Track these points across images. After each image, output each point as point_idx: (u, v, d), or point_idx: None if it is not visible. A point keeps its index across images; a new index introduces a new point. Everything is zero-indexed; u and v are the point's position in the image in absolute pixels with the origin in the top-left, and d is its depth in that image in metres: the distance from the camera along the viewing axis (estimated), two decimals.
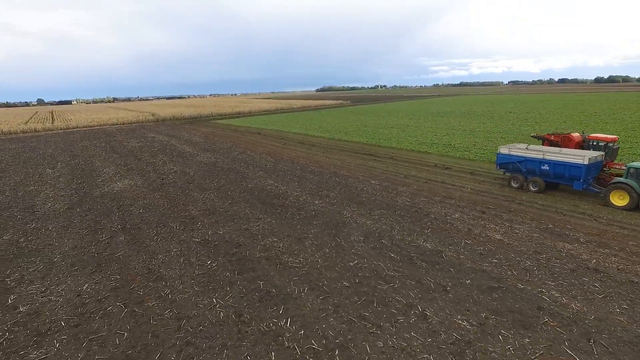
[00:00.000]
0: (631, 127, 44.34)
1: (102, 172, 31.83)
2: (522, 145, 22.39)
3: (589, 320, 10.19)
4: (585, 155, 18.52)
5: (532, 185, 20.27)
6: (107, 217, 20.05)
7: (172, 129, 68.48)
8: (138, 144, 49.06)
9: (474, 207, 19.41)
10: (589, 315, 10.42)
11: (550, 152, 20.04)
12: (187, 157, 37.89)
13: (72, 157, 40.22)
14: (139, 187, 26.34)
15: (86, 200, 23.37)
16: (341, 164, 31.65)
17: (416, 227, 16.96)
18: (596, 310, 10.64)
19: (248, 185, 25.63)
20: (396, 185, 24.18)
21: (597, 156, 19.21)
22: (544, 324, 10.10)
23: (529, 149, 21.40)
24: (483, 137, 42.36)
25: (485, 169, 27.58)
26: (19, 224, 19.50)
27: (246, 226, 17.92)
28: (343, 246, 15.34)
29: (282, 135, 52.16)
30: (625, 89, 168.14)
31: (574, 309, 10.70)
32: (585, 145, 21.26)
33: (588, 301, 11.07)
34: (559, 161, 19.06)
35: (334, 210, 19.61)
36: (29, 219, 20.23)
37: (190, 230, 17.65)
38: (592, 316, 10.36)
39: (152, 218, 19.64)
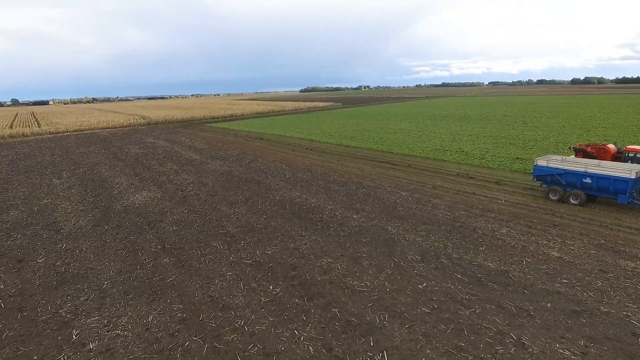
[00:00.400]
0: (632, 132, 45.38)
1: (114, 183, 30.73)
2: (558, 157, 22.49)
3: None
4: (632, 169, 18.65)
5: (573, 198, 20.33)
6: (140, 236, 19.23)
7: (169, 133, 67.00)
8: (140, 150, 47.72)
9: (517, 221, 19.36)
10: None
11: (591, 165, 20.13)
12: (198, 165, 36.97)
13: (75, 166, 38.77)
14: (160, 200, 25.47)
15: (111, 216, 22.43)
16: (361, 173, 31.34)
17: (469, 245, 16.77)
18: None
19: (275, 197, 25.07)
20: (428, 197, 24.00)
21: None
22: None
23: (566, 161, 21.46)
24: (491, 143, 42.67)
25: (509, 178, 27.66)
26: (49, 245, 18.52)
27: (293, 245, 17.41)
28: (403, 267, 15.02)
29: (287, 141, 51.55)
30: (605, 92, 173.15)
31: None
32: (623, 157, 21.49)
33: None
34: (603, 175, 19.16)
35: (377, 226, 19.27)
36: (57, 239, 19.25)
37: (236, 251, 17.04)
38: None
39: (189, 236, 18.93)
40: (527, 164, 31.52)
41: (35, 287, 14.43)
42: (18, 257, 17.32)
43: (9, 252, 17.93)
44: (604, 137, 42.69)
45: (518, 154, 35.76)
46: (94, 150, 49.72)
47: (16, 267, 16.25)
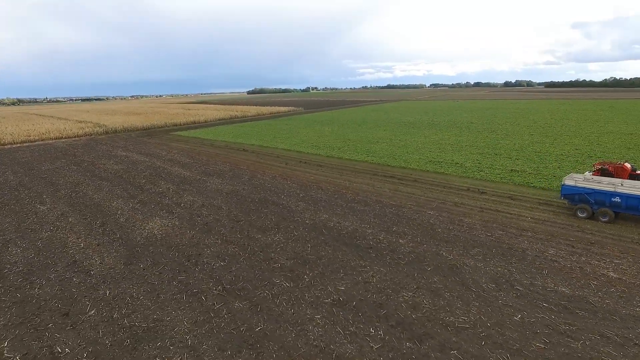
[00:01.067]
0: (594, 141, 49.67)
1: (113, 208, 28.36)
2: (579, 176, 24.06)
3: None
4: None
5: (602, 216, 21.86)
6: (189, 275, 17.90)
7: (137, 144, 63.02)
8: (118, 165, 44.43)
9: (556, 240, 20.45)
10: None
11: (619, 184, 21.69)
12: (195, 184, 35.15)
13: (53, 187, 35.25)
14: (181, 228, 23.89)
15: (138, 251, 20.66)
16: (374, 189, 31.49)
17: (530, 268, 17.45)
18: None
19: (305, 221, 24.48)
20: (457, 215, 24.64)
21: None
22: None
23: (592, 180, 22.87)
24: (477, 153, 44.70)
25: (519, 193, 29.14)
26: (87, 292, 16.67)
27: (361, 278, 17.10)
28: (485, 297, 15.30)
29: (273, 153, 50.54)
30: (542, 96, 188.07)
31: None
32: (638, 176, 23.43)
33: None
34: (632, 194, 20.81)
35: (430, 252, 19.46)
36: (92, 283, 17.38)
37: (306, 288, 16.40)
38: None
39: (243, 273, 17.93)
40: (525, 177, 33.43)
41: (109, 349, 12.92)
42: (60, 310, 15.42)
43: (44, 303, 15.92)
44: (573, 146, 46.35)
45: (510, 166, 37.77)
46: (62, 166, 45.52)
47: (67, 324, 14.46)
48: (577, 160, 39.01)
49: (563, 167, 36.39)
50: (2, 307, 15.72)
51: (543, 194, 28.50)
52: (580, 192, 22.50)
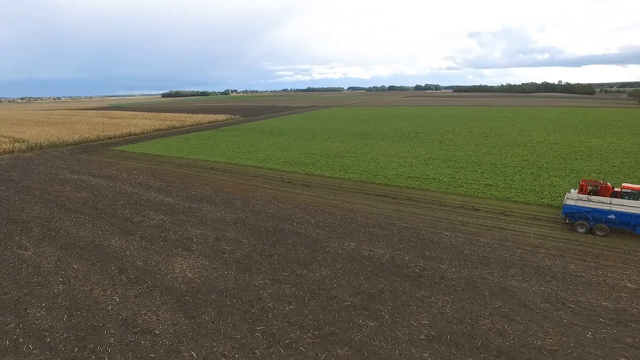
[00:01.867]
0: (534, 152, 56.81)
1: (117, 249, 26.06)
2: (578, 195, 27.83)
3: None
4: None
5: (599, 230, 25.66)
6: (266, 323, 17.54)
7: (79, 163, 57.08)
8: (80, 193, 40.20)
9: (568, 255, 23.67)
10: None
11: (610, 203, 25.62)
12: (189, 212, 33.47)
13: (18, 225, 30.99)
14: (216, 269, 22.95)
15: (189, 301, 19.53)
16: (377, 210, 32.90)
17: (566, 285, 20.14)
18: None
19: (338, 251, 25.02)
20: (472, 236, 27.04)
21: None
22: None
23: (591, 200, 26.61)
24: (444, 167, 48.49)
25: (507, 209, 32.64)
26: (172, 357, 15.56)
27: (434, 309, 18.30)
28: (550, 317, 17.44)
29: (246, 171, 49.55)
30: (457, 101, 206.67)
31: None
32: (621, 194, 27.65)
33: None
34: (626, 212, 24.81)
35: (476, 276, 21.34)
36: (169, 346, 16.22)
37: (393, 326, 17.15)
38: None
39: (321, 316, 18.07)
40: (501, 191, 37.40)
41: None
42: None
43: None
44: (520, 157, 52.53)
45: (481, 179, 41.81)
46: (11, 197, 39.87)
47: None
48: (532, 172, 44.44)
49: (525, 179, 41.28)
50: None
51: (528, 209, 32.34)
52: (580, 210, 26.24)
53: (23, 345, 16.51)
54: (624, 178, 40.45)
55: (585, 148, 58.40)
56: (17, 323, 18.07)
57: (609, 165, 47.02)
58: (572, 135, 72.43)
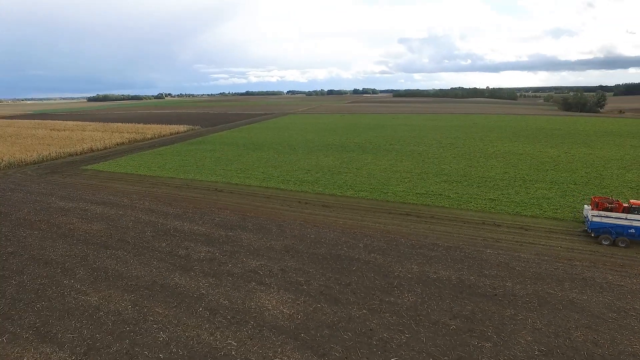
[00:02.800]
0: (509, 164, 62.97)
1: (185, 287, 25.81)
2: (587, 209, 32.39)
3: None
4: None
5: (621, 242, 30.19)
6: (405, 357, 19.06)
7: (58, 187, 53.08)
8: (91, 224, 38.04)
9: (601, 266, 27.78)
10: None
11: (624, 218, 30.36)
12: (232, 242, 33.44)
13: (53, 267, 29.06)
14: (309, 303, 23.85)
15: (305, 338, 20.40)
16: (411, 231, 35.36)
17: (617, 294, 23.95)
18: None
19: (407, 275, 26.99)
20: (510, 252, 30.42)
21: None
22: None
23: (611, 216, 31.17)
24: (441, 182, 52.32)
25: (523, 223, 36.70)
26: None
27: (537, 327, 21.00)
28: (626, 325, 20.92)
29: (254, 192, 49.64)
30: (404, 108, 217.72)
31: None
32: (630, 209, 32.35)
33: None
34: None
35: (543, 292, 24.49)
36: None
37: (512, 346, 19.53)
38: None
39: (457, 345, 19.95)
40: (508, 205, 41.69)
41: None
42: None
43: None
44: (500, 170, 58.16)
45: (482, 194, 46.02)
46: (15, 232, 36.60)
47: None
48: (520, 185, 49.66)
49: (519, 192, 46.20)
50: None
51: (540, 222, 36.73)
52: (604, 226, 30.72)
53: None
54: (597, 190, 46.94)
55: (548, 158, 65.91)
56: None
57: (577, 176, 53.90)
58: (529, 144, 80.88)
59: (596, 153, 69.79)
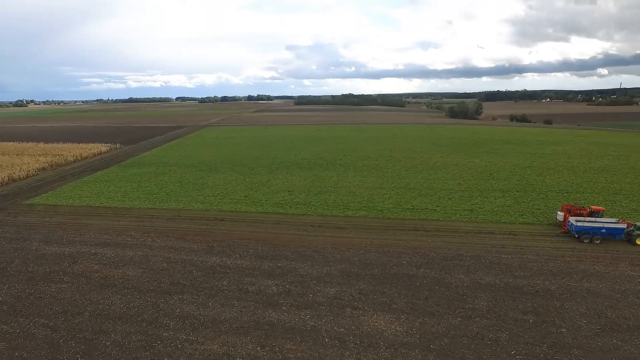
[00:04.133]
0: (456, 176, 73.90)
1: (286, 322, 27.82)
2: (561, 215, 42.29)
3: None
4: (622, 222, 40.22)
5: (596, 240, 39.94)
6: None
7: (30, 229, 47.12)
8: (127, 270, 36.05)
9: (589, 260, 37.07)
10: None
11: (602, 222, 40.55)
12: (286, 273, 35.47)
13: (144, 322, 28.00)
14: (425, 324, 27.96)
15: (455, 352, 24.68)
16: (429, 244, 41.38)
17: (635, 285, 32.99)
18: None
19: (465, 284, 32.80)
20: (519, 255, 38.37)
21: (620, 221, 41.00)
22: None
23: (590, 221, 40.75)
24: (417, 195, 59.84)
25: (509, 230, 45.38)
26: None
27: (623, 317, 28.38)
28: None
29: (256, 218, 50.84)
30: (319, 117, 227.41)
31: None
32: (591, 213, 42.65)
33: None
34: (612, 227, 39.82)
35: (592, 291, 32.41)
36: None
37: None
38: None
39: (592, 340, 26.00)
40: (484, 214, 50.57)
41: None
42: None
43: None
44: (455, 182, 68.34)
45: (458, 205, 54.51)
46: (38, 288, 32.84)
47: None
48: (480, 195, 59.60)
49: (485, 202, 55.68)
50: None
51: (523, 227, 45.94)
52: (585, 228, 40.42)
53: None
54: (536, 195, 59.20)
55: (480, 168, 78.84)
56: None
57: (512, 184, 66.34)
58: (455, 155, 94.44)
59: (511, 161, 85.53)
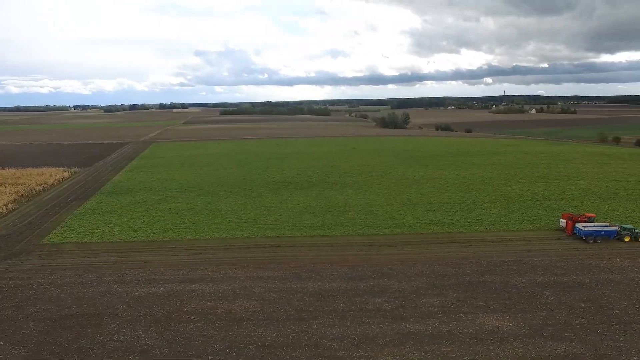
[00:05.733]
0: (419, 191, 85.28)
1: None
2: (563, 222, 54.47)
3: None
4: (613, 225, 53.15)
5: (597, 240, 51.95)
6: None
7: (89, 273, 46.27)
8: (248, 304, 38.94)
9: (593, 256, 49.00)
10: None
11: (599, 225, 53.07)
12: (385, 291, 41.54)
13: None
14: (547, 323, 36.21)
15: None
16: (465, 254, 50.44)
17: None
18: None
19: (526, 285, 42.13)
20: (541, 257, 49.19)
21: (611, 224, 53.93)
22: None
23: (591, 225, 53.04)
24: (423, 211, 69.20)
25: (523, 237, 56.43)
26: None
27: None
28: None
29: (308, 243, 55.36)
30: (265, 132, 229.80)
31: None
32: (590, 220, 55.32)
33: None
34: (608, 229, 52.51)
35: (618, 282, 43.54)
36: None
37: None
38: None
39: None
40: (488, 224, 61.49)
41: None
42: None
43: None
44: (420, 195, 79.26)
45: (463, 218, 64.80)
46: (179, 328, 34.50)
47: None
48: (473, 207, 70.76)
49: (482, 213, 66.81)
50: None
51: (527, 234, 57.32)
52: (590, 232, 52.30)
53: None
54: (514, 203, 72.28)
55: (454, 181, 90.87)
56: None
57: (488, 195, 79.04)
58: (424, 169, 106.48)
59: (475, 173, 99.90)
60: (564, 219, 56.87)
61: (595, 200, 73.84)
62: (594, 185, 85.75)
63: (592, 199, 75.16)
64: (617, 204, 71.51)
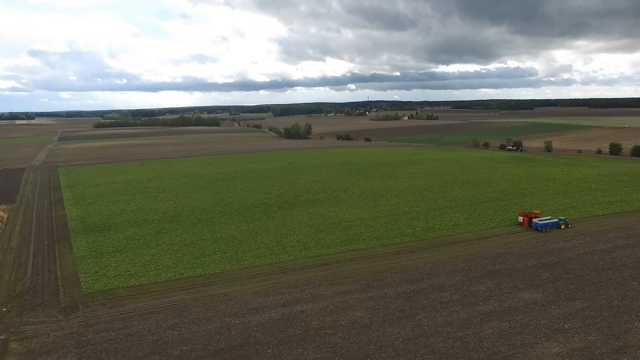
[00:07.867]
0: (375, 205, 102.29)
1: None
2: (520, 217, 74.95)
3: None
4: (554, 218, 74.95)
5: (547, 230, 72.94)
6: None
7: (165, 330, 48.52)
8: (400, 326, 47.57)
9: (558, 241, 70.06)
10: None
11: (547, 219, 74.34)
12: (459, 291, 54.85)
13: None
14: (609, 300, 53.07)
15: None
16: (492, 250, 67.33)
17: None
18: None
19: (578, 272, 60.14)
20: (529, 248, 68.56)
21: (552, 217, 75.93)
22: None
23: (544, 218, 73.99)
24: (414, 220, 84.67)
25: (505, 232, 75.62)
26: None
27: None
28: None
29: (355, 257, 65.28)
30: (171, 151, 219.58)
31: None
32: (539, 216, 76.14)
33: None
34: (554, 221, 73.84)
35: (619, 261, 63.92)
36: None
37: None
38: None
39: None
40: (471, 225, 79.89)
41: None
42: None
43: None
44: (389, 205, 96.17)
45: (449, 222, 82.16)
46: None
47: None
48: (449, 212, 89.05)
49: (459, 217, 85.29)
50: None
51: (501, 230, 76.74)
52: (544, 224, 73.08)
53: None
54: (469, 208, 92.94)
55: (411, 190, 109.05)
56: None
57: (441, 202, 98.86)
58: (370, 180, 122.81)
59: (414, 183, 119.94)
60: (521, 216, 78.35)
61: (516, 199, 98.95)
62: (504, 187, 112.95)
63: (511, 198, 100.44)
64: (531, 201, 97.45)
